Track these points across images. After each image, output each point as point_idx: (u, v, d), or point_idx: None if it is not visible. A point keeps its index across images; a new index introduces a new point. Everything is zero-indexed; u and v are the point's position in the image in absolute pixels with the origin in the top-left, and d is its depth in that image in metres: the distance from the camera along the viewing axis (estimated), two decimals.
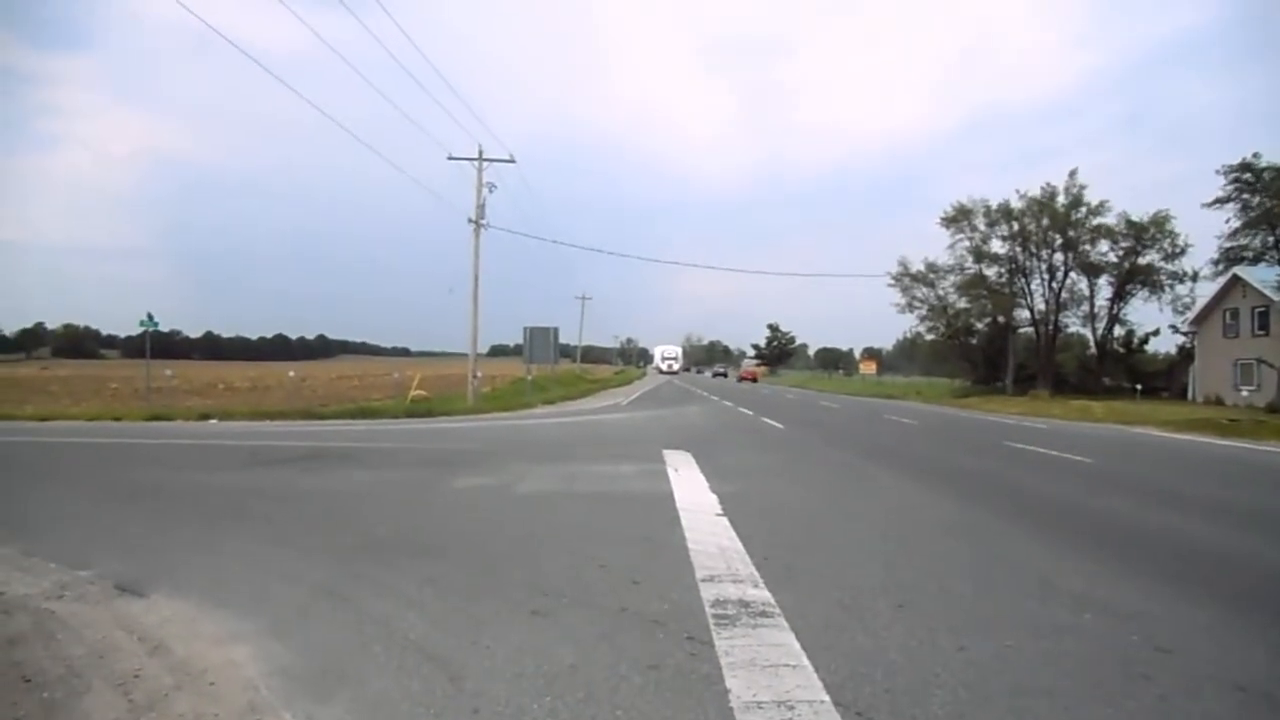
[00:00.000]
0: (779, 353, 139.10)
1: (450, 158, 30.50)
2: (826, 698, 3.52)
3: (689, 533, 6.98)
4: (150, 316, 24.26)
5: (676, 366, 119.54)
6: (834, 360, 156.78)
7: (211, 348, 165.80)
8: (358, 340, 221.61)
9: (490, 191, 30.11)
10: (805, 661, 3.95)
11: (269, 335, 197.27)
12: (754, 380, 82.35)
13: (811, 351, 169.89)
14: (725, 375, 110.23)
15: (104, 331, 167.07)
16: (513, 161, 31.29)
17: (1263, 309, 35.17)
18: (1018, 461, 14.19)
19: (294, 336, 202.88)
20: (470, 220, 29.99)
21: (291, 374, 33.96)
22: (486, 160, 30.22)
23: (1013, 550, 6.78)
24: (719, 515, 7.85)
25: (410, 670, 3.87)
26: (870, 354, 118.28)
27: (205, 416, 21.07)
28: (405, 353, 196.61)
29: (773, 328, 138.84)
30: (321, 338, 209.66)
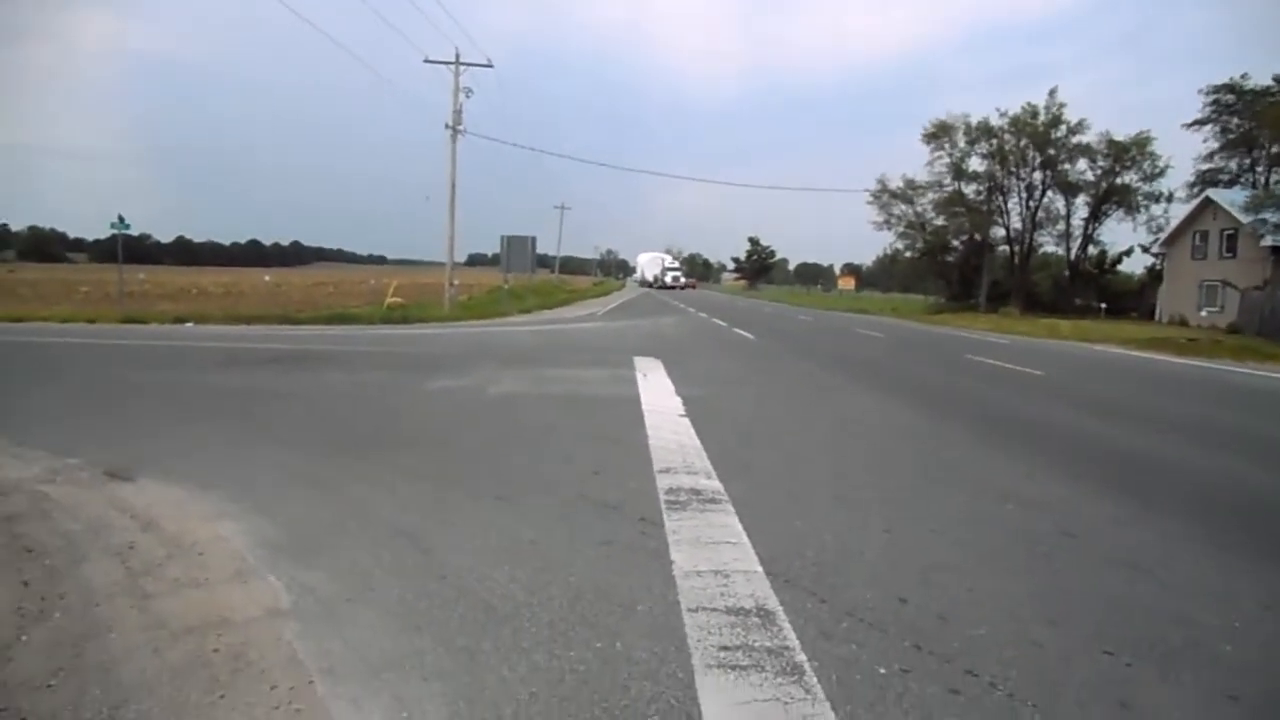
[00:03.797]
0: (759, 267, 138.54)
1: (426, 60, 29.90)
2: (759, 568, 3.93)
3: (651, 431, 7.37)
4: (121, 219, 23.91)
5: (683, 280, 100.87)
6: (814, 275, 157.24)
7: (184, 253, 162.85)
8: (333, 247, 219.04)
9: (467, 97, 29.65)
10: (745, 539, 4.36)
11: (242, 241, 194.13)
12: (694, 288, 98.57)
13: (792, 266, 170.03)
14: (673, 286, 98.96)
15: (71, 235, 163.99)
16: (490, 66, 30.69)
17: (1231, 231, 35.60)
18: (972, 373, 14.69)
19: (268, 243, 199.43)
20: (447, 126, 29.59)
21: (267, 279, 33.81)
22: (463, 65, 29.65)
23: (953, 453, 7.22)
24: (681, 416, 8.24)
25: (383, 543, 4.24)
26: (850, 270, 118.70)
27: (180, 320, 21.12)
28: (381, 260, 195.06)
29: (753, 241, 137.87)
30: (296, 244, 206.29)
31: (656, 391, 9.97)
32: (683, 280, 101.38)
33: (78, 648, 3.06)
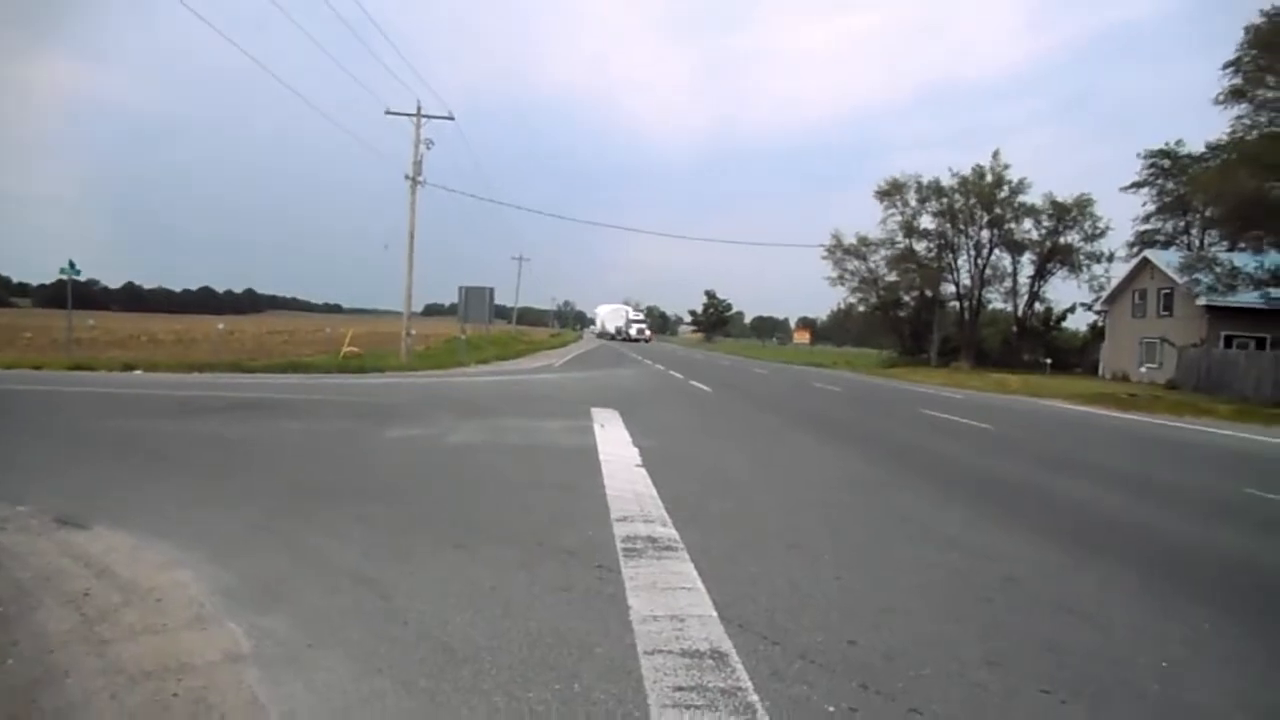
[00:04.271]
0: (716, 320, 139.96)
1: (388, 112, 30.13)
2: (714, 613, 4.04)
3: (609, 480, 7.46)
4: (72, 264, 23.55)
5: (648, 332, 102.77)
6: (770, 329, 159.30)
7: (132, 299, 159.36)
8: (288, 295, 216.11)
9: (428, 148, 29.87)
10: (700, 585, 4.46)
11: (194, 288, 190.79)
12: (649, 340, 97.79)
13: (748, 319, 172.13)
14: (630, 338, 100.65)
15: (15, 279, 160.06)
16: (451, 119, 31.03)
17: (1168, 290, 37.04)
18: (926, 427, 15.03)
19: (220, 289, 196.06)
20: (407, 177, 29.75)
21: (221, 326, 33.41)
22: (425, 116, 29.95)
23: (904, 502, 7.42)
24: (638, 466, 8.35)
25: (343, 590, 4.27)
26: (805, 323, 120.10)
27: (130, 367, 20.73)
28: (337, 309, 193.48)
29: (710, 294, 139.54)
30: (250, 292, 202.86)
31: (613, 442, 10.07)
32: (647, 333, 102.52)
33: (32, 694, 3.05)
